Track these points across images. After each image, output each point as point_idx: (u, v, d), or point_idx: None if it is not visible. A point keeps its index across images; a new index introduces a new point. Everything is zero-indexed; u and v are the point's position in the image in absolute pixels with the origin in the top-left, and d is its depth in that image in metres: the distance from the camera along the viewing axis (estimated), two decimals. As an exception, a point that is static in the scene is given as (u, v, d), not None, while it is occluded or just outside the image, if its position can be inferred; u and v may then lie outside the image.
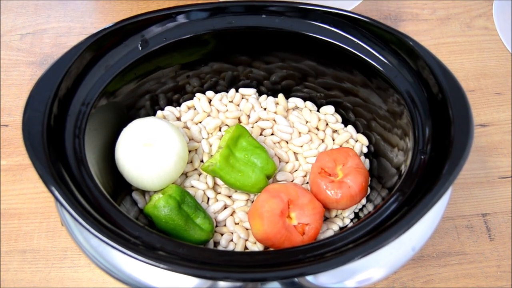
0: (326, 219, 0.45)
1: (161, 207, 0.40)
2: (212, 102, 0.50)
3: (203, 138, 0.48)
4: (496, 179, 0.54)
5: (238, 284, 0.33)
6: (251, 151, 0.43)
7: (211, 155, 0.47)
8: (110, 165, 0.42)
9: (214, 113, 0.50)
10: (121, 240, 0.31)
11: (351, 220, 0.45)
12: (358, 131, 0.50)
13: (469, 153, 0.34)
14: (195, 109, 0.50)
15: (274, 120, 0.49)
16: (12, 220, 0.50)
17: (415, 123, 0.39)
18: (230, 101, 0.50)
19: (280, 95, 0.50)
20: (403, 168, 0.39)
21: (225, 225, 0.44)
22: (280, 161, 0.48)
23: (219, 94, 0.51)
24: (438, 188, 0.33)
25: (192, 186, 0.45)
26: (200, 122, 0.49)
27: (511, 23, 0.65)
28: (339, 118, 0.50)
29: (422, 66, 0.39)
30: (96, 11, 0.68)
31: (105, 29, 0.41)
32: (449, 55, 0.63)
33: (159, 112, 0.49)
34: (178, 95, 0.50)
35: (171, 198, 0.40)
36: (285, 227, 0.39)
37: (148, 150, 0.41)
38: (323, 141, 0.49)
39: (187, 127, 0.49)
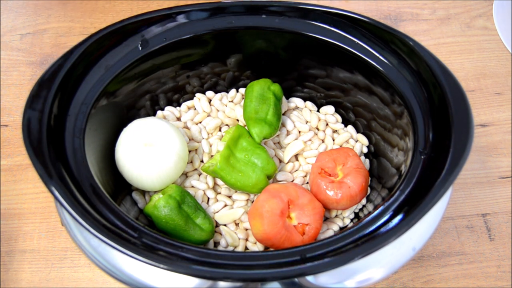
0: (326, 219, 0.45)
1: (161, 207, 0.40)
2: (212, 102, 0.50)
3: (203, 138, 0.48)
4: (496, 179, 0.54)
5: (238, 284, 0.33)
6: (251, 151, 0.43)
7: (211, 155, 0.47)
8: (110, 165, 0.42)
9: (214, 113, 0.50)
10: (121, 240, 0.31)
11: (351, 220, 0.45)
12: (358, 131, 0.50)
13: (469, 153, 0.34)
14: (195, 109, 0.50)
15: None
16: (12, 220, 0.50)
17: (415, 123, 0.39)
18: (230, 101, 0.50)
19: (280, 95, 0.50)
20: (403, 168, 0.39)
21: (225, 225, 0.44)
22: (280, 162, 0.48)
23: (219, 94, 0.51)
24: (438, 188, 0.33)
25: (192, 186, 0.45)
26: (200, 122, 0.49)
27: (511, 23, 0.65)
28: (339, 118, 0.50)
29: (422, 66, 0.39)
30: (96, 11, 0.68)
31: (105, 29, 0.41)
32: (449, 55, 0.63)
33: (159, 112, 0.49)
34: (178, 95, 0.50)
35: (171, 198, 0.40)
36: (285, 227, 0.39)
37: (148, 150, 0.41)
38: (323, 141, 0.49)
39: (187, 127, 0.49)
